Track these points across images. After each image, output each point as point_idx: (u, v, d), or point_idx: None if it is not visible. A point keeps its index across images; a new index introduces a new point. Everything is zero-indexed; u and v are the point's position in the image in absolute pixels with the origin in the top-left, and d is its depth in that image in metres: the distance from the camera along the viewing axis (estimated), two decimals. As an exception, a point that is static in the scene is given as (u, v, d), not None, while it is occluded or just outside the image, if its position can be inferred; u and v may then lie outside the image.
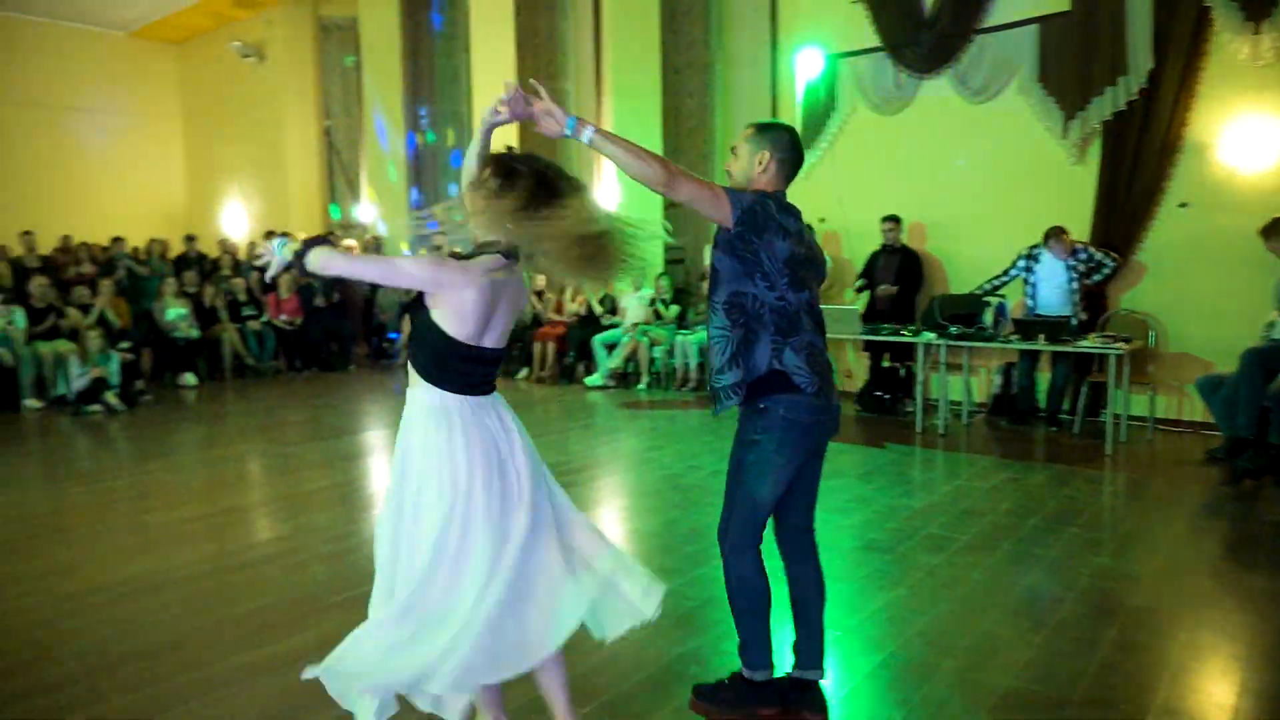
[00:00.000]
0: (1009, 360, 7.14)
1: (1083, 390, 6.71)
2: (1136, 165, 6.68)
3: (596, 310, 9.64)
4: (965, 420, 7.16)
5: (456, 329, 2.10)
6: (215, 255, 11.55)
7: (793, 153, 2.53)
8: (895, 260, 7.54)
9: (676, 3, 9.31)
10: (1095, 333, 6.41)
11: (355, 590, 3.21)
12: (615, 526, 4.61)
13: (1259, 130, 6.21)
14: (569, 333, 9.65)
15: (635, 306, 9.32)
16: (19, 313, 8.48)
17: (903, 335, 6.87)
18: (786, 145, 2.51)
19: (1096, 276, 6.68)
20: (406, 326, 6.91)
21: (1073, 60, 6.87)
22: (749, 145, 2.51)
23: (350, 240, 11.63)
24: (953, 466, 5.82)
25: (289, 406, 8.52)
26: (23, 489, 5.61)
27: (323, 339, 10.72)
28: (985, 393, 7.55)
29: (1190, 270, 6.57)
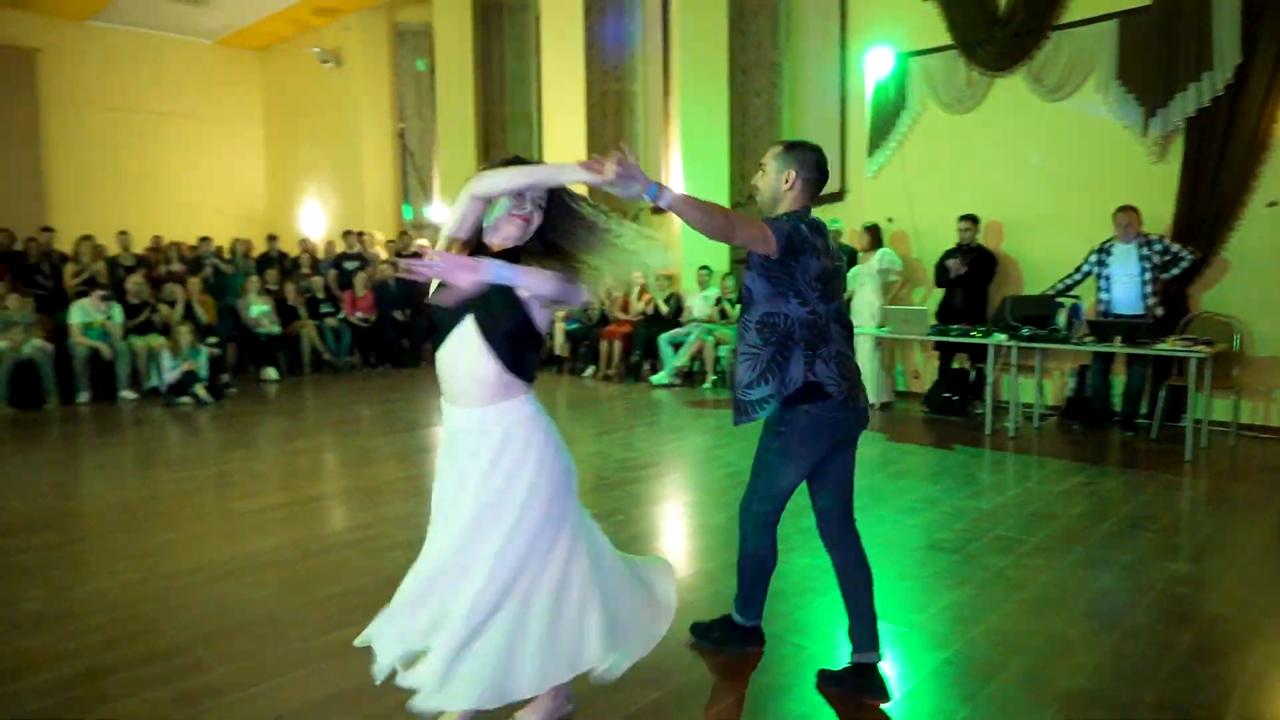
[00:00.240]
0: (1082, 363, 7.00)
1: (1161, 394, 6.53)
2: (1222, 163, 6.48)
3: (662, 309, 9.73)
4: (1036, 423, 7.04)
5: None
6: (295, 254, 12.00)
7: (818, 172, 2.69)
8: (969, 260, 7.44)
9: (745, 3, 9.33)
10: (1176, 335, 6.24)
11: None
12: (680, 521, 4.69)
13: (1354, 126, 5.98)
14: (635, 331, 9.77)
15: (701, 305, 9.39)
16: (116, 308, 8.96)
17: (972, 336, 6.79)
18: (812, 165, 2.67)
19: (1174, 270, 6.47)
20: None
21: (1154, 56, 6.69)
22: (776, 163, 2.69)
23: (423, 240, 11.95)
24: (1023, 469, 5.74)
25: (364, 401, 8.82)
26: (121, 475, 5.95)
27: (395, 336, 11.07)
28: (1058, 395, 7.41)
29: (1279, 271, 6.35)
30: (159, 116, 14.31)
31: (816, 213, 2.82)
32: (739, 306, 2.84)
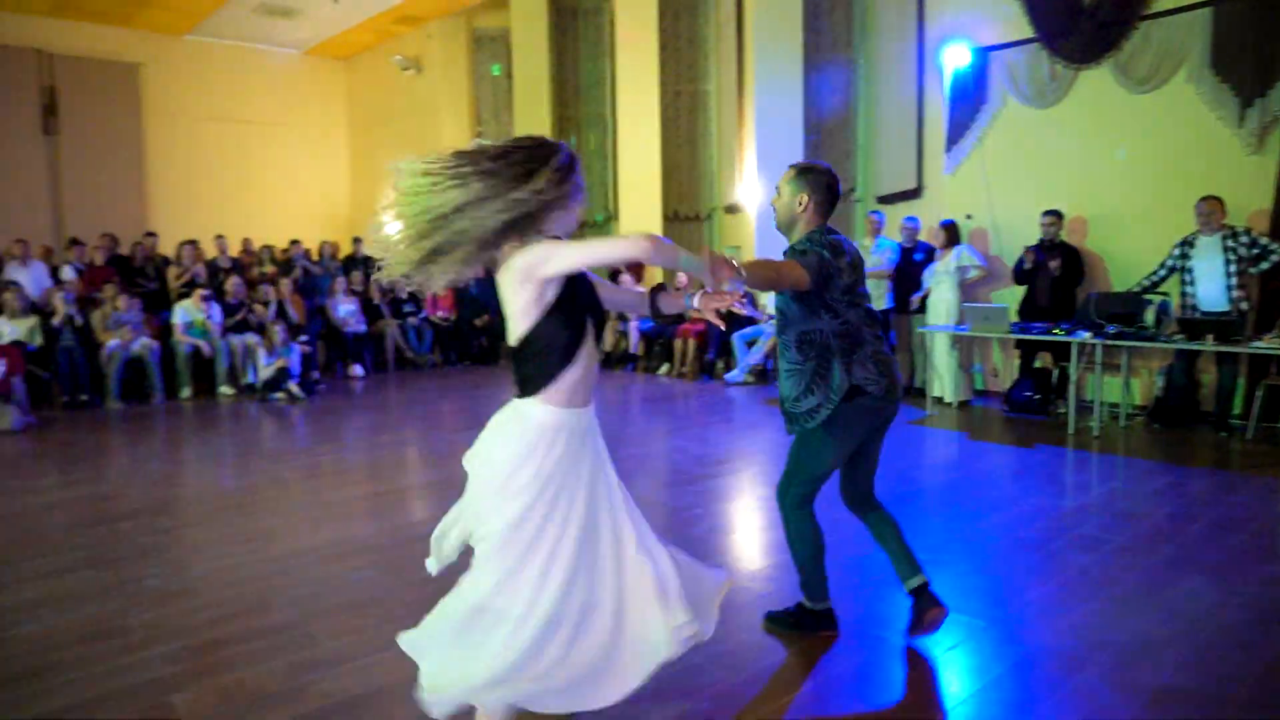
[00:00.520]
0: (1171, 361, 6.80)
1: (1258, 393, 6.30)
2: (1323, 153, 6.22)
3: (737, 307, 9.77)
4: (1123, 423, 6.86)
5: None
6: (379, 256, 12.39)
7: (829, 193, 2.93)
8: (1053, 256, 7.28)
9: (819, 2, 9.32)
10: (1273, 332, 6.02)
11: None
12: (756, 516, 4.75)
13: None
14: (709, 329, 9.83)
15: (776, 303, 9.40)
16: (216, 308, 9.44)
17: (1055, 334, 6.66)
18: (823, 187, 2.91)
19: (1263, 264, 6.23)
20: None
21: (1251, 44, 6.46)
22: (790, 187, 2.93)
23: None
24: (1108, 469, 5.62)
25: (446, 397, 9.11)
26: (223, 465, 6.30)
27: (474, 334, 11.39)
28: (1146, 395, 7.21)
29: (1385, 266, 6.07)
30: (250, 125, 14.94)
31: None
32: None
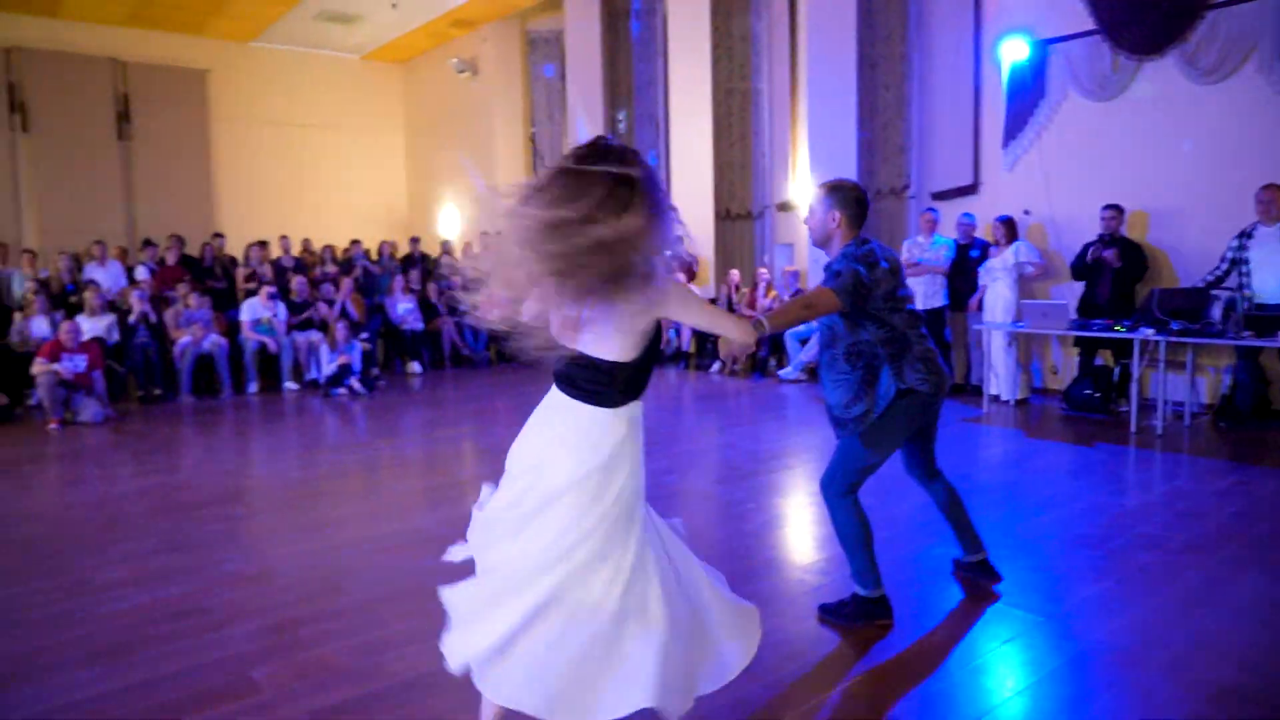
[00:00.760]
0: (1240, 359, 6.63)
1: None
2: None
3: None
4: (1187, 421, 6.72)
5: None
6: (435, 255, 12.68)
7: (858, 207, 3.07)
8: (1117, 252, 7.14)
9: (874, -3, 9.27)
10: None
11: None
12: (809, 511, 4.78)
13: None
14: (760, 327, 9.84)
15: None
16: (281, 307, 9.75)
17: (1116, 331, 6.55)
18: (854, 201, 3.06)
19: None
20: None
21: (1323, 32, 6.28)
22: (822, 205, 3.09)
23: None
24: (1171, 467, 5.52)
25: (500, 393, 9.27)
26: (290, 457, 6.53)
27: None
28: (1213, 393, 7.04)
29: None
30: (311, 129, 15.35)
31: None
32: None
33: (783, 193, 10.60)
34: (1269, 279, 6.15)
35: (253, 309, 9.58)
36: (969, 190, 8.70)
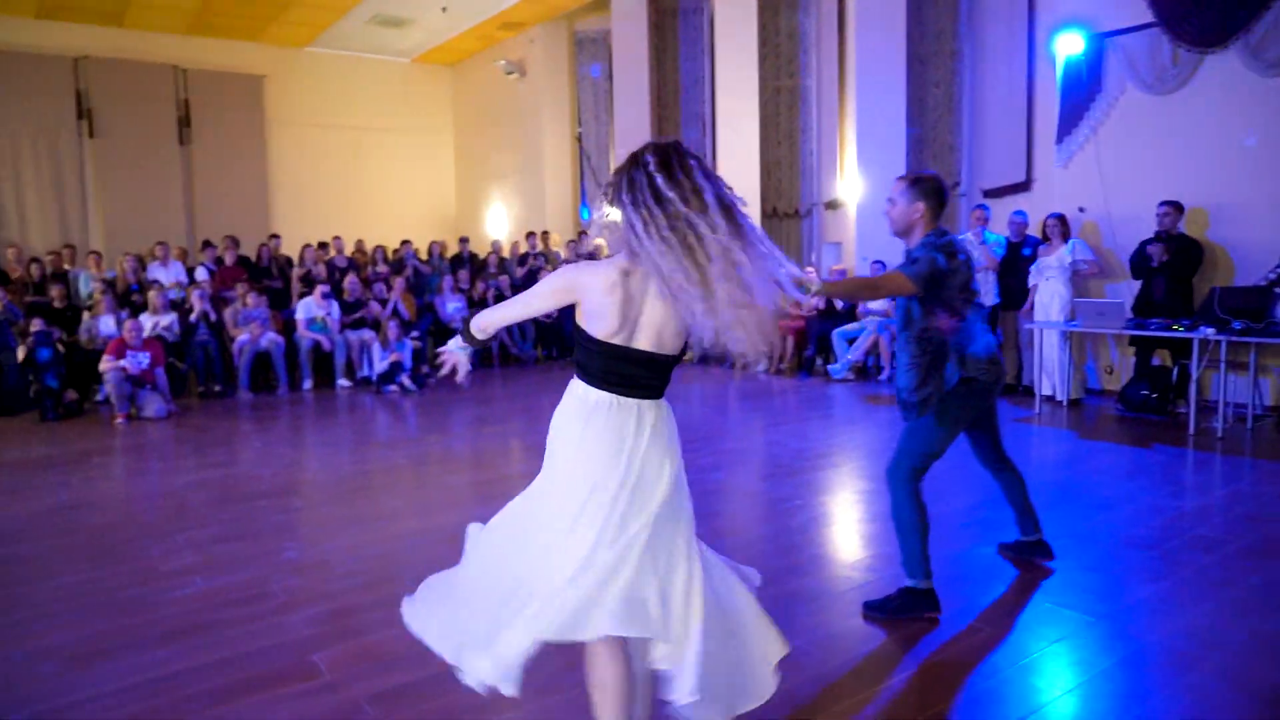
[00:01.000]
0: (1305, 359, 6.44)
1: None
2: None
3: (836, 304, 9.72)
4: (1249, 423, 6.54)
5: (594, 326, 2.08)
6: (484, 254, 12.85)
7: (939, 198, 3.20)
8: (1171, 248, 6.99)
9: (924, -8, 9.18)
10: None
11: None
12: (855, 508, 4.78)
13: None
14: (808, 325, 9.82)
15: (876, 300, 9.31)
16: (335, 306, 9.98)
17: (1175, 330, 6.41)
18: (935, 193, 3.19)
19: None
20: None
21: (1395, 20, 6.07)
22: (905, 197, 3.19)
23: (599, 240, 12.48)
24: (1232, 470, 5.39)
25: (546, 390, 9.37)
26: (344, 451, 6.69)
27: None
28: (1277, 395, 6.84)
29: None
30: (363, 131, 15.67)
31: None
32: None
33: (830, 191, 10.55)
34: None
35: (307, 308, 9.82)
36: (1022, 187, 8.57)
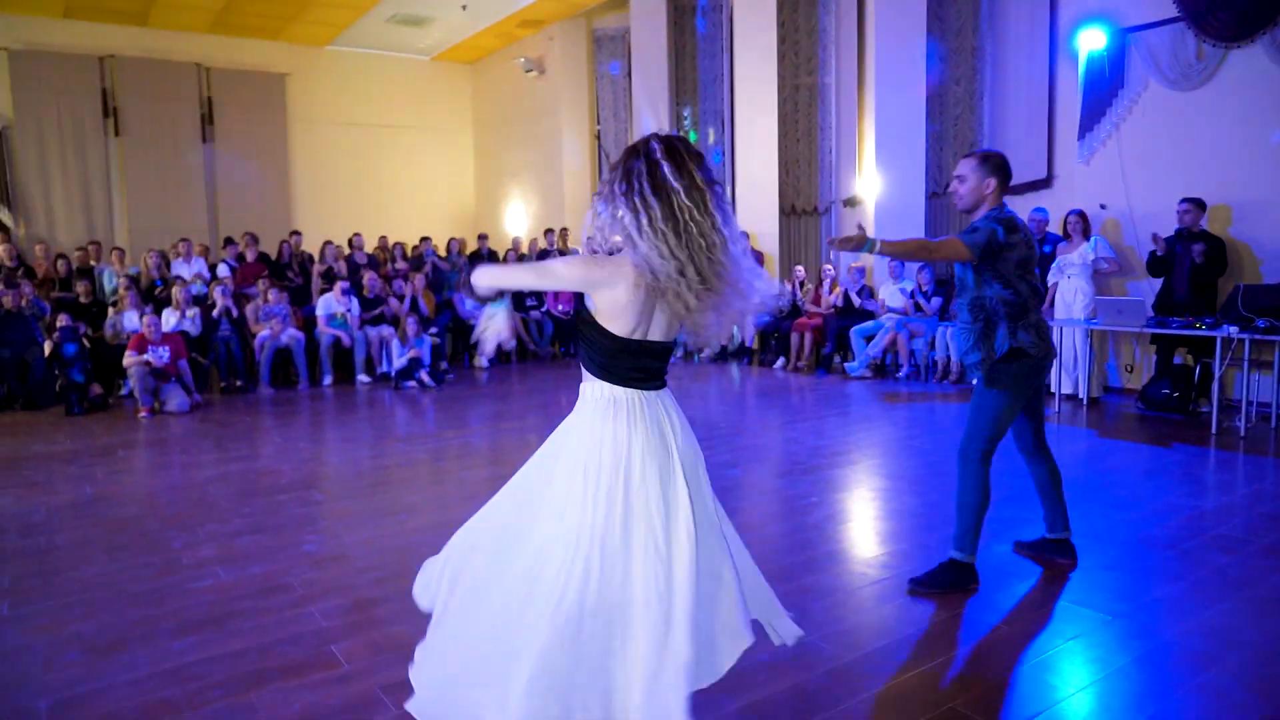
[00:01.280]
0: (1331, 358, 6.36)
1: None
2: None
3: (854, 301, 9.69)
4: (1274, 423, 6.47)
5: (616, 325, 2.04)
6: (503, 251, 12.90)
7: (1006, 174, 3.37)
8: (1193, 247, 6.92)
9: (944, -12, 9.12)
10: None
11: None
12: (873, 505, 4.77)
13: None
14: (826, 323, 9.79)
15: (894, 297, 9.27)
16: (354, 302, 10.06)
17: (1198, 329, 6.34)
18: (1003, 169, 3.36)
19: None
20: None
21: None
22: (976, 174, 3.35)
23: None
24: (1254, 470, 5.34)
25: (563, 387, 9.41)
26: (364, 446, 6.75)
27: (593, 327, 11.68)
28: (1300, 394, 6.76)
29: None
30: (383, 129, 15.77)
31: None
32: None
33: (849, 188, 10.51)
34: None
35: (327, 304, 9.91)
36: (1043, 184, 8.51)
